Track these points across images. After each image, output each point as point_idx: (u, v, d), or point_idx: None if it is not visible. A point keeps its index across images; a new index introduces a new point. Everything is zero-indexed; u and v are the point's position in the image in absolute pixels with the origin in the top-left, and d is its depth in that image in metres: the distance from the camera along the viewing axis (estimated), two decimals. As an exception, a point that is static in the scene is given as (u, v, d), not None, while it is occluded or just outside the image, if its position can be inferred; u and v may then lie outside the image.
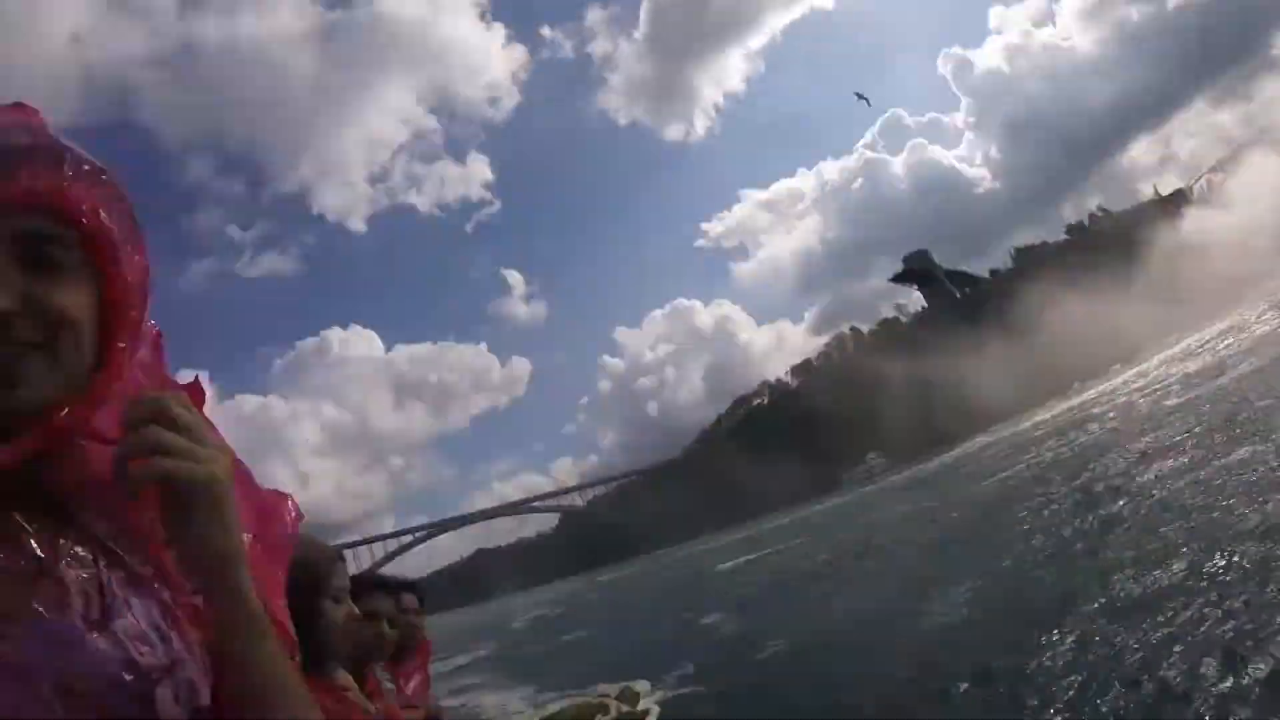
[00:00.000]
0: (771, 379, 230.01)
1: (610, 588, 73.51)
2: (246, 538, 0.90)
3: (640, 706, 13.03)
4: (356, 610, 2.44)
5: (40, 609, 0.78)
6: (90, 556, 0.86)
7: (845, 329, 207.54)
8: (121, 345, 0.86)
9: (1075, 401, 68.62)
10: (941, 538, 23.12)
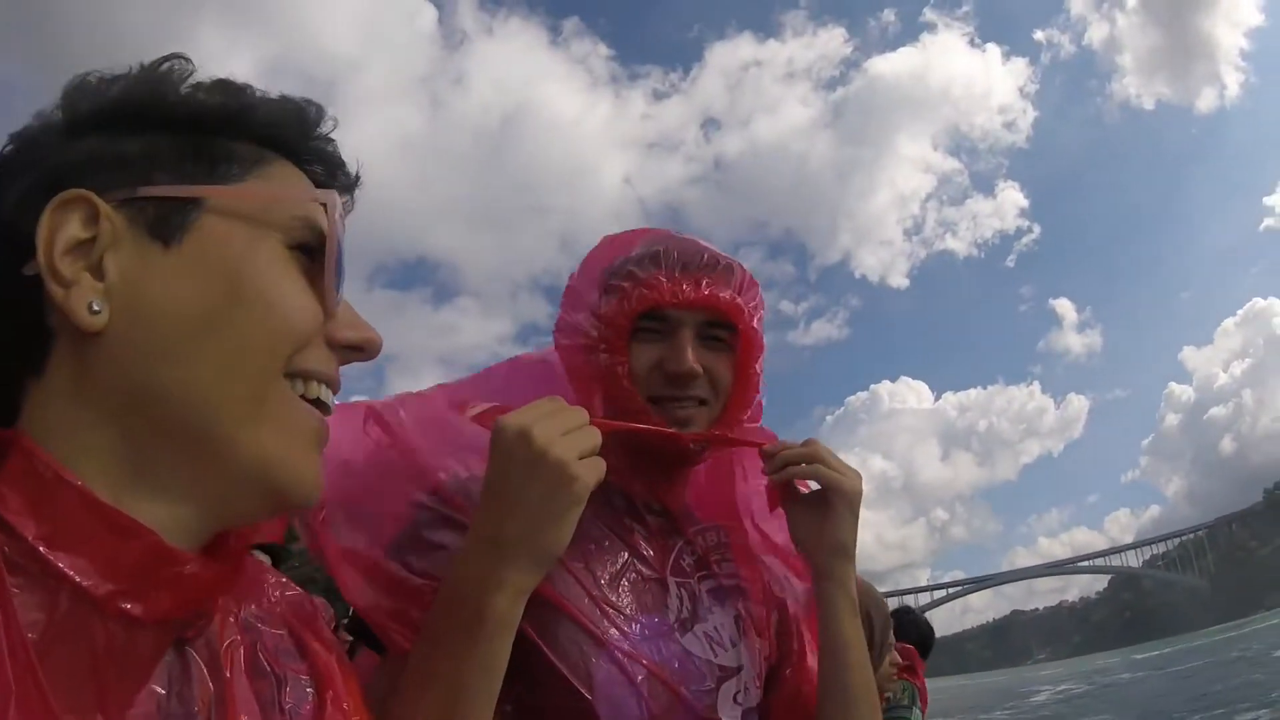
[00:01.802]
0: None
1: (1148, 666, 64.74)
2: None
3: None
4: (899, 659, 2.80)
5: (646, 608, 1.08)
6: (688, 567, 1.17)
7: None
8: (742, 409, 1.16)
9: None
10: None
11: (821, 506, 1.12)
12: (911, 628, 3.85)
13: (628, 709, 0.99)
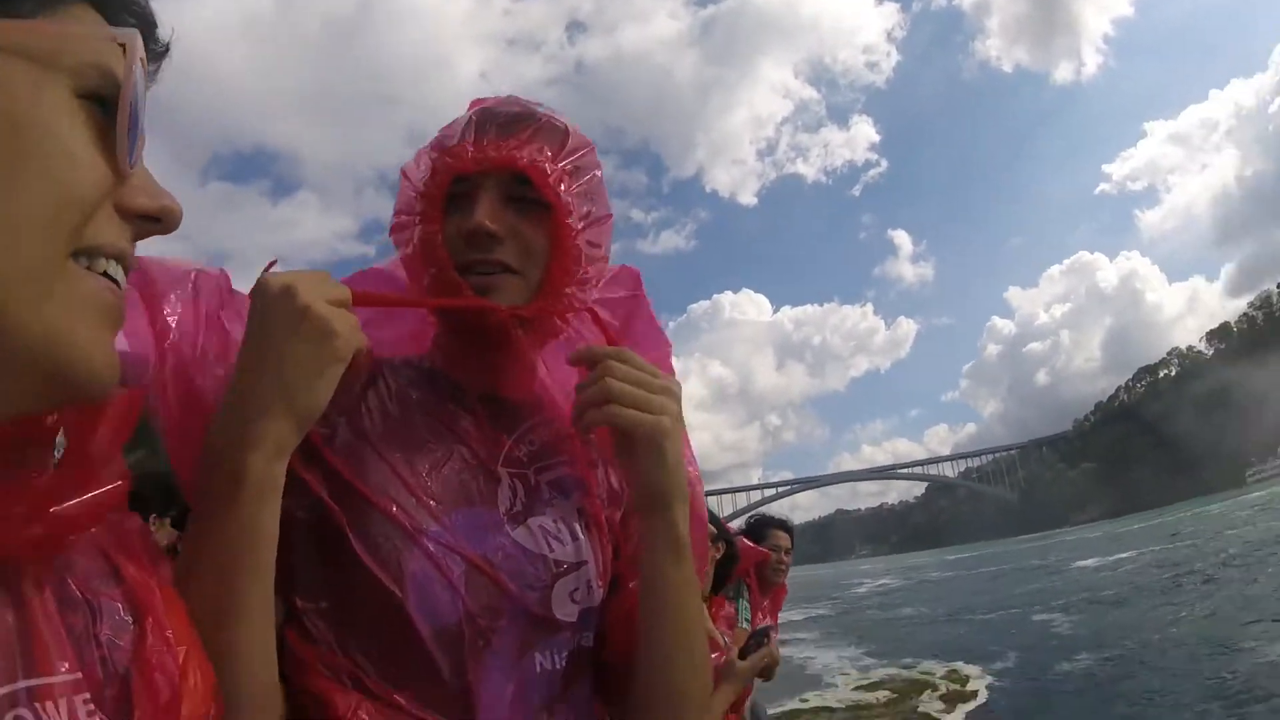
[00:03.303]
0: (1183, 346, 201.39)
1: (959, 567, 71.16)
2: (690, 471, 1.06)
3: (968, 688, 13.72)
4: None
5: (470, 499, 0.99)
6: (525, 458, 1.07)
7: (1274, 287, 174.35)
8: (564, 277, 1.03)
9: None
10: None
11: (629, 447, 1.00)
12: (785, 523, 4.25)
13: (441, 603, 0.92)
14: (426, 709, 0.91)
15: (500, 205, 1.00)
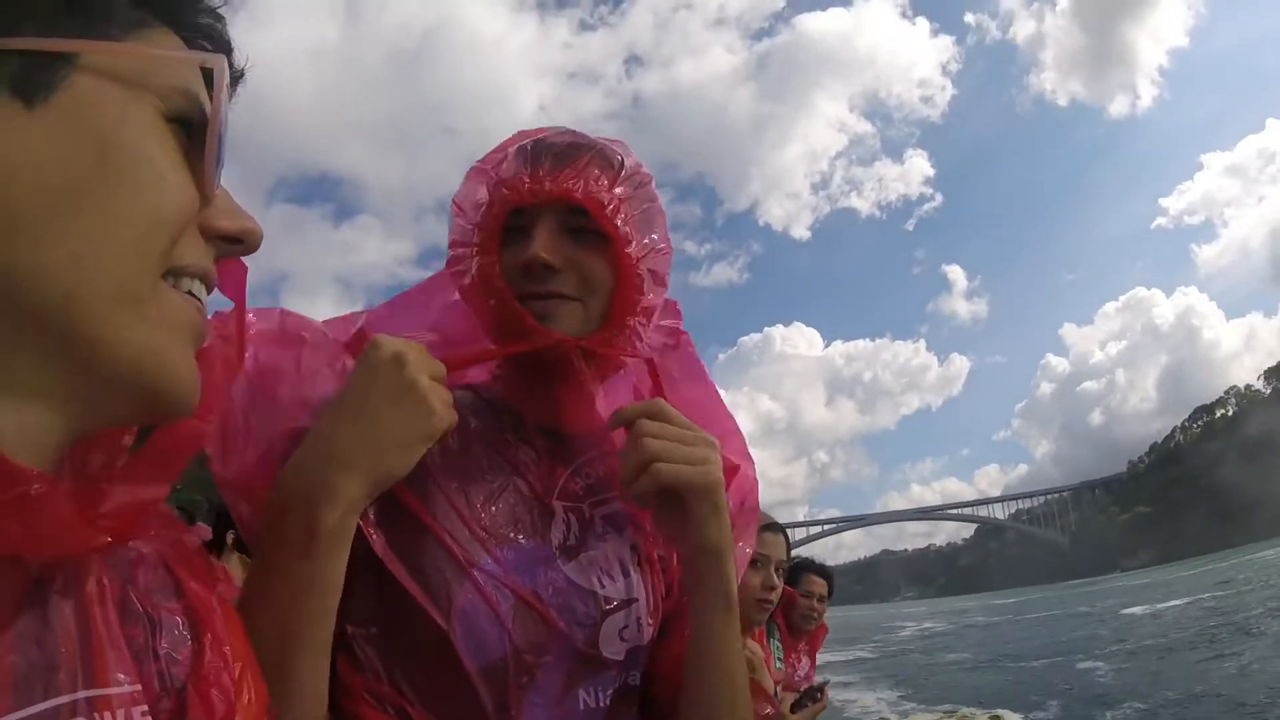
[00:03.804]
0: (1240, 385, 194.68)
1: (1005, 612, 69.77)
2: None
3: None
4: (775, 582, 2.66)
5: (524, 533, 0.98)
6: (580, 491, 1.06)
7: None
8: (627, 307, 1.02)
9: None
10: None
11: (678, 504, 0.98)
12: (824, 569, 4.19)
13: (488, 638, 0.91)
14: None
15: (558, 236, 0.99)
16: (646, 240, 1.04)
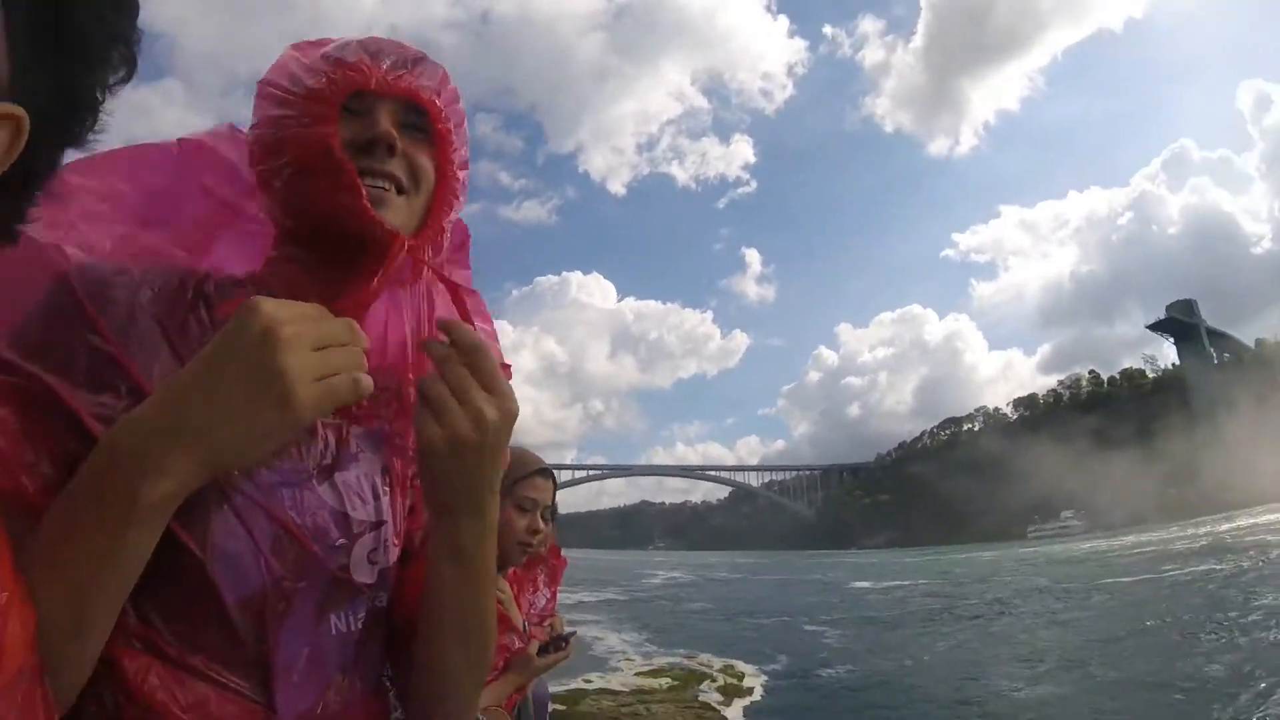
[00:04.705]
0: (990, 407, 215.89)
1: (748, 571, 74.32)
2: None
3: (744, 684, 14.44)
4: (540, 526, 2.56)
5: (286, 450, 0.92)
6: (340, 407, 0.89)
7: (1083, 372, 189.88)
8: (445, 215, 1.01)
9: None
10: (1089, 617, 22.64)
11: (454, 456, 0.89)
12: None
13: (245, 568, 0.86)
14: (223, 672, 0.86)
15: (396, 126, 0.98)
16: (464, 152, 1.06)
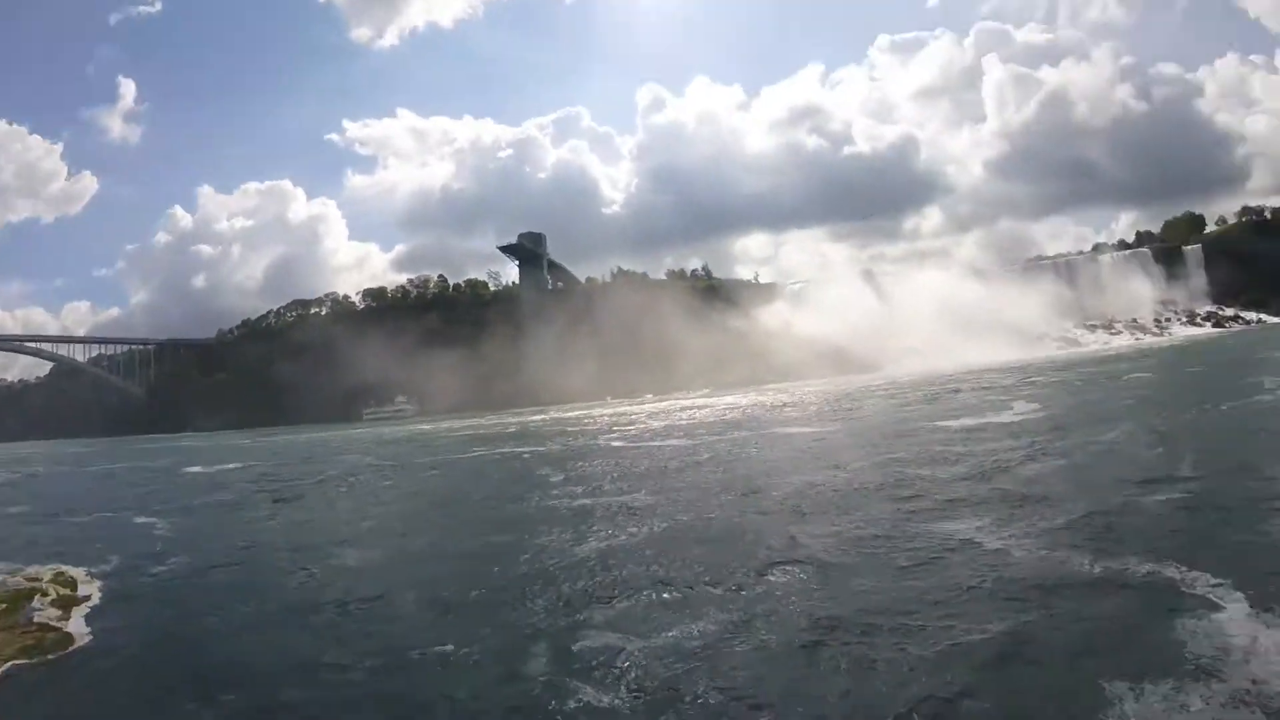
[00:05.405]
0: (340, 294, 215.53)
1: (71, 463, 67.17)
2: None
3: (79, 592, 13.36)
4: None
5: None
6: None
7: (433, 275, 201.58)
8: None
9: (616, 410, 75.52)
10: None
11: None
12: None
13: None
14: None
15: None
16: None
